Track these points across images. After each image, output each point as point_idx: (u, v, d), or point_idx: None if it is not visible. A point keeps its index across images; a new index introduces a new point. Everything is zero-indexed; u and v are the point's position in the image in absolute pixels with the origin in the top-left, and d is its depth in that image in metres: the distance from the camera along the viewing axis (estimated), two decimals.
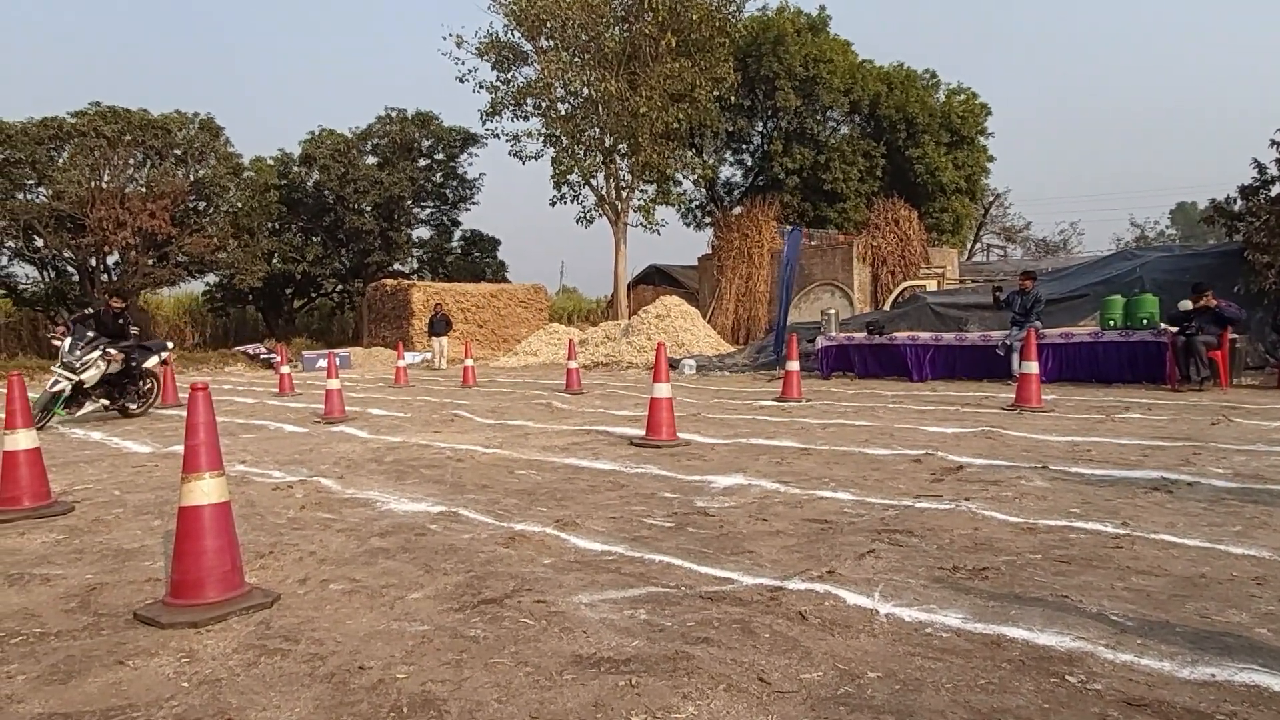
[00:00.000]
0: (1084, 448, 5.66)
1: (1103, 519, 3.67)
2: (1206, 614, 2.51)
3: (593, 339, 20.76)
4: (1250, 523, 3.55)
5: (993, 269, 26.95)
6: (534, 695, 2.08)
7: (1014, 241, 40.60)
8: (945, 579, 2.91)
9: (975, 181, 29.14)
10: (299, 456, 6.29)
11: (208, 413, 2.84)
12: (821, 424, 7.36)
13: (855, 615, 2.58)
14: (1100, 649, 2.27)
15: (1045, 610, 2.57)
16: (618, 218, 24.81)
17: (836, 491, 4.43)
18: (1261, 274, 11.03)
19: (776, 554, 3.29)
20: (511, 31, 23.59)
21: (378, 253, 31.30)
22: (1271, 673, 2.08)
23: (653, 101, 22.37)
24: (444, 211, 34.89)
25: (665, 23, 21.70)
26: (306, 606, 2.82)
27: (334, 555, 3.46)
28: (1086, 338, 11.02)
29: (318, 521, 4.09)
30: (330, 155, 30.08)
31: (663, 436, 6.36)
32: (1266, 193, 12.12)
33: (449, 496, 4.60)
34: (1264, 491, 4.12)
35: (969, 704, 1.97)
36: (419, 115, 32.43)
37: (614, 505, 4.28)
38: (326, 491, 4.87)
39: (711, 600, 2.76)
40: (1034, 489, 4.36)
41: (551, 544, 3.53)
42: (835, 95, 26.47)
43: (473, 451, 6.32)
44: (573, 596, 2.83)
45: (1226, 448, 5.48)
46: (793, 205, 26.78)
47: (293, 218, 31.01)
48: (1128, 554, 3.14)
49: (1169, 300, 10.40)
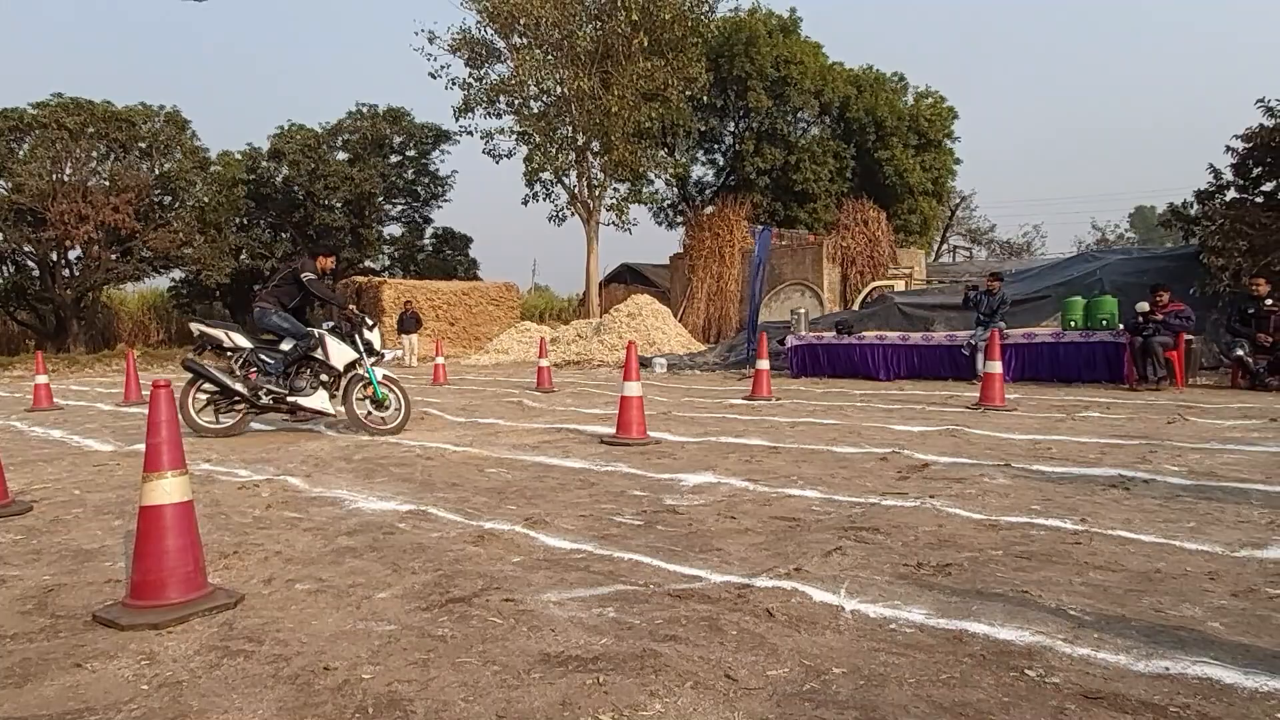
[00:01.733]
0: (1045, 446, 5.77)
1: (1062, 516, 3.75)
2: (1161, 608, 2.58)
3: (564, 337, 20.72)
4: (1204, 519, 3.64)
5: (959, 270, 27.35)
6: (501, 694, 2.08)
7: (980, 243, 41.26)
8: (909, 575, 2.96)
9: (942, 183, 29.59)
10: (265, 455, 6.21)
11: (169, 410, 2.80)
12: (791, 422, 7.42)
13: (821, 612, 2.61)
14: (1059, 643, 2.32)
15: (1006, 605, 2.62)
16: (590, 216, 24.78)
17: (805, 489, 4.48)
18: (1216, 276, 11.33)
19: (745, 552, 3.31)
20: (484, 28, 23.48)
21: (348, 249, 30.95)
22: (1223, 665, 2.13)
23: (625, 100, 22.38)
24: (415, 209, 34.62)
25: (638, 22, 21.71)
26: (271, 607, 2.79)
27: (300, 554, 3.42)
28: (1048, 338, 11.24)
29: (284, 520, 4.04)
30: (300, 150, 29.69)
31: (633, 435, 6.37)
32: (1221, 197, 12.46)
33: (418, 495, 4.57)
34: (1217, 489, 4.24)
35: (931, 698, 2.01)
36: (390, 111, 32.12)
37: (584, 503, 4.28)
38: (293, 490, 4.81)
39: (680, 598, 2.77)
40: (996, 486, 4.44)
41: (521, 542, 3.53)
42: (806, 97, 26.69)
43: (443, 449, 6.28)
44: (541, 595, 2.83)
45: (1182, 446, 5.62)
46: (764, 205, 26.96)
47: (261, 213, 30.58)
48: (1086, 550, 3.22)
49: (1127, 301, 10.64)
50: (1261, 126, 11.79)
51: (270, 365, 6.89)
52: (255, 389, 6.88)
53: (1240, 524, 3.53)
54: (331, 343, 6.94)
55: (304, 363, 7.03)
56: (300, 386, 6.99)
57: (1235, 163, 12.29)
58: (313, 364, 7.04)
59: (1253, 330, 9.81)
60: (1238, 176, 12.36)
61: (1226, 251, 11.26)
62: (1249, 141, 11.97)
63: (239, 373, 6.89)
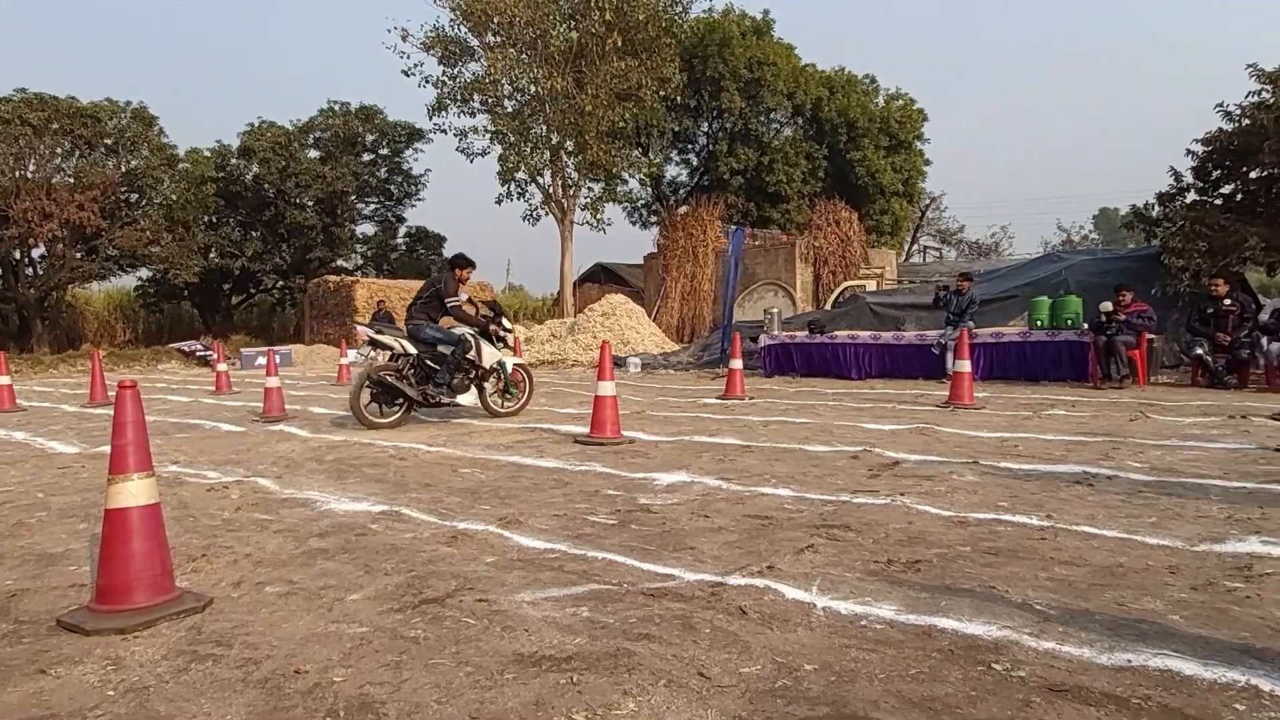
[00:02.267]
0: (1012, 443, 5.87)
1: (1029, 512, 3.81)
2: (1123, 602, 2.63)
3: (538, 337, 20.67)
4: (1165, 514, 3.73)
5: (929, 270, 27.68)
6: (474, 695, 2.08)
7: (949, 243, 41.76)
8: (880, 572, 3.00)
9: (913, 184, 29.91)
10: (235, 456, 6.13)
11: (136, 411, 2.76)
12: (763, 421, 7.47)
13: (793, 609, 2.64)
14: (1025, 637, 2.36)
15: (974, 600, 2.67)
16: (564, 216, 24.74)
17: (777, 488, 4.51)
18: (1177, 277, 11.58)
19: (718, 550, 3.33)
20: (458, 26, 23.34)
21: (320, 248, 30.61)
22: (1183, 658, 2.19)
23: (599, 100, 22.37)
24: (388, 207, 34.33)
25: (612, 22, 21.70)
26: (241, 610, 2.76)
27: (270, 557, 3.39)
28: (1016, 337, 11.43)
29: (254, 523, 4.00)
30: (270, 148, 29.27)
31: (607, 434, 6.38)
32: (1182, 200, 12.73)
33: (391, 496, 4.54)
34: (1178, 484, 4.34)
35: (900, 693, 2.04)
36: (363, 109, 31.80)
37: (558, 503, 4.28)
38: (264, 492, 4.76)
39: (653, 597, 2.79)
40: (965, 484, 4.51)
41: (494, 542, 3.52)
42: (779, 98, 26.86)
43: (416, 450, 6.24)
44: (515, 595, 2.83)
45: (1144, 443, 5.74)
46: (737, 205, 27.09)
47: (231, 211, 30.13)
48: (1051, 545, 3.28)
49: (1092, 301, 10.84)
50: (1220, 130, 12.06)
51: (440, 374, 7.58)
52: (424, 392, 7.54)
53: (1200, 519, 3.62)
54: (483, 345, 7.80)
55: (471, 364, 7.81)
56: (457, 386, 7.70)
57: (1195, 166, 12.56)
58: (466, 364, 7.75)
59: (1212, 330, 10.03)
60: (1198, 179, 12.64)
61: (1186, 252, 11.50)
62: (1208, 145, 12.24)
63: (408, 375, 7.58)
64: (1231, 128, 11.95)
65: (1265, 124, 11.28)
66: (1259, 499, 3.96)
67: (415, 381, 7.53)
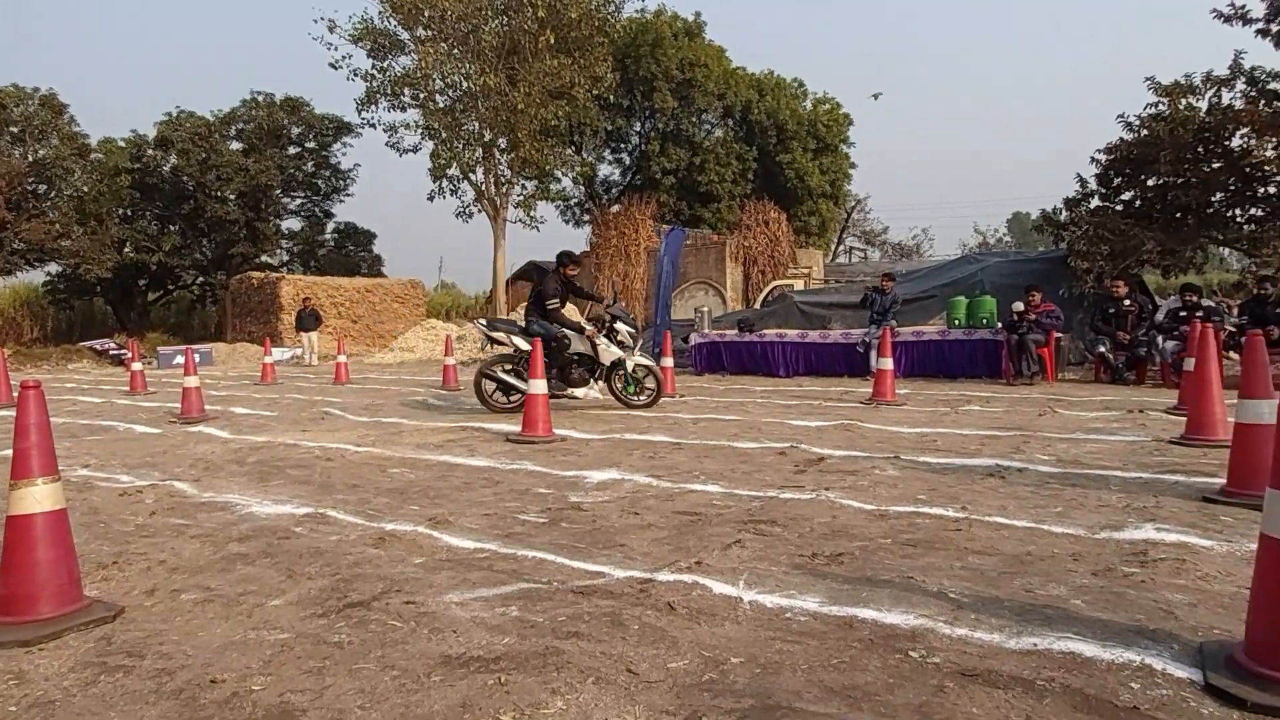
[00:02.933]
0: (931, 438, 6.09)
1: (945, 504, 3.97)
2: (1031, 588, 2.77)
3: (472, 335, 20.41)
4: (1069, 504, 3.93)
5: (854, 270, 28.38)
6: (399, 699, 2.06)
7: (873, 244, 42.84)
8: (805, 565, 3.08)
9: (839, 187, 30.58)
10: (151, 459, 5.89)
11: (40, 413, 2.63)
12: (694, 419, 7.55)
13: (721, 604, 2.69)
14: (940, 625, 2.46)
15: (893, 591, 2.77)
16: (497, 213, 24.47)
17: (706, 484, 4.58)
18: (1082, 278, 12.16)
19: (647, 547, 3.37)
20: (387, 19, 22.82)
21: (243, 244, 29.51)
22: (1084, 640, 2.31)
23: (532, 98, 22.19)
24: (316, 202, 33.36)
25: (544, 19, 21.57)
26: (154, 619, 2.66)
27: (187, 563, 3.27)
28: (935, 336, 11.84)
29: (170, 528, 3.85)
30: (190, 139, 28.07)
31: (538, 432, 6.36)
32: (1086, 205, 13.37)
33: (316, 497, 4.44)
34: (1082, 476, 4.58)
35: (822, 683, 2.10)
36: (288, 101, 30.79)
37: (488, 502, 4.26)
38: (181, 495, 4.59)
39: (583, 594, 2.80)
40: (887, 478, 4.66)
41: (423, 543, 3.48)
42: (710, 99, 27.14)
43: (343, 450, 6.11)
44: (443, 596, 2.81)
45: (1051, 436, 6.03)
46: (669, 205, 27.26)
47: (147, 204, 28.78)
48: (965, 536, 3.42)
49: (1005, 301, 11.31)
50: (1121, 140, 12.71)
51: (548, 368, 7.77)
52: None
53: (1101, 508, 3.83)
54: (601, 344, 8.08)
55: (578, 359, 8.07)
56: (574, 380, 8.09)
57: (1099, 173, 13.21)
58: (585, 360, 8.10)
59: (1113, 329, 10.59)
60: (1101, 186, 13.29)
61: (1090, 255, 12.08)
62: (1110, 154, 12.89)
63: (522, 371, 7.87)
64: (1131, 138, 12.61)
65: (1161, 134, 11.94)
66: (1154, 488, 4.21)
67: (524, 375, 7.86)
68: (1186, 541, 3.23)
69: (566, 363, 8.04)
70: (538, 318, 8.10)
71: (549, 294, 8.07)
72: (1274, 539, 2.01)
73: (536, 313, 8.16)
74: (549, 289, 8.12)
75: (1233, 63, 11.99)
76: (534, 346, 6.72)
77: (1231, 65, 12.00)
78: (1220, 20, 12.21)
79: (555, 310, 8.06)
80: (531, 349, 7.00)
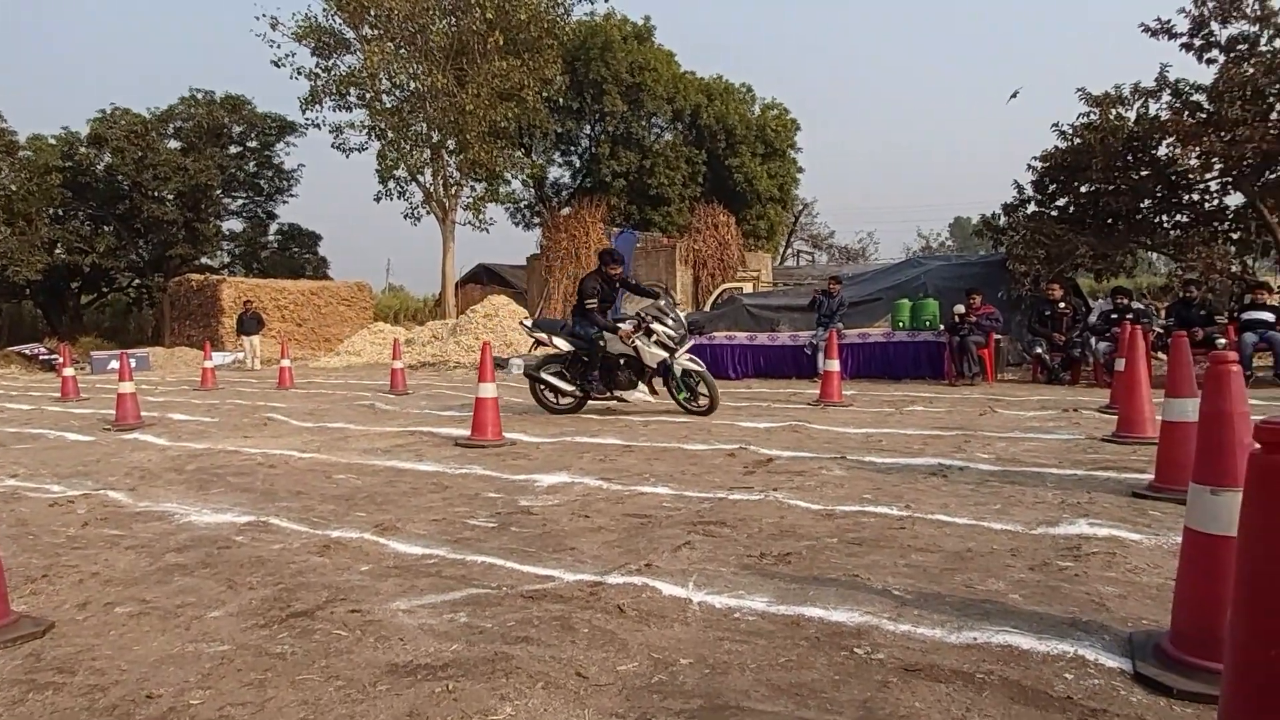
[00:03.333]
0: (876, 439, 6.21)
1: (890, 503, 4.05)
2: (971, 584, 2.84)
3: (419, 338, 20.14)
4: (1008, 501, 4.05)
5: (802, 273, 28.82)
6: (344, 710, 2.02)
7: (820, 248, 43.56)
8: (753, 566, 3.11)
9: (787, 191, 31.04)
10: (83, 468, 5.67)
11: None
12: (644, 421, 7.57)
13: (670, 605, 2.70)
14: (884, 621, 2.51)
15: (839, 589, 2.81)
16: (445, 215, 24.20)
17: (656, 486, 4.59)
18: (1019, 281, 12.54)
19: (598, 550, 3.37)
20: (332, 17, 22.40)
21: (182, 245, 28.65)
22: (1021, 633, 2.38)
23: (480, 99, 22.02)
24: (258, 203, 32.59)
25: (493, 20, 21.42)
26: (86, 633, 2.57)
27: (121, 575, 3.16)
28: (880, 338, 12.09)
29: (103, 539, 3.72)
30: (125, 137, 27.14)
31: (488, 436, 6.30)
32: (1024, 211, 13.80)
33: (258, 505, 4.33)
34: (1020, 473, 4.72)
35: (770, 681, 2.13)
36: (229, 99, 30.02)
37: (437, 507, 4.21)
38: (115, 505, 4.43)
39: (533, 599, 2.79)
40: (833, 478, 4.74)
41: (370, 550, 3.42)
42: (659, 103, 27.28)
43: (287, 456, 5.97)
44: (390, 603, 2.77)
45: (991, 435, 6.20)
46: (619, 208, 27.31)
47: (80, 204, 27.77)
48: (909, 534, 3.50)
49: (947, 304, 11.60)
50: (1056, 148, 13.16)
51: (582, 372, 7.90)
52: (580, 387, 7.93)
53: (1037, 504, 3.96)
54: (642, 347, 7.67)
55: (623, 361, 7.83)
56: (620, 383, 7.88)
57: (1035, 180, 13.64)
58: (631, 362, 7.82)
59: (1049, 330, 10.95)
60: (1037, 192, 13.73)
61: (1028, 259, 12.47)
62: (1046, 161, 13.33)
63: (567, 373, 7.96)
64: (1065, 145, 13.06)
65: (1093, 143, 12.39)
66: (1087, 484, 4.36)
67: (571, 377, 7.95)
68: (1117, 535, 3.36)
69: (610, 364, 7.78)
70: (579, 318, 7.90)
71: (587, 294, 7.83)
72: (1197, 532, 2.10)
73: (578, 313, 7.96)
74: (587, 288, 7.86)
75: (1159, 75, 12.50)
76: (483, 350, 6.66)
77: (1158, 77, 12.51)
78: (1148, 35, 12.74)
79: (593, 311, 7.79)
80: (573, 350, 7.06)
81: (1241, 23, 12.02)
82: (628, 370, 7.85)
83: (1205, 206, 12.92)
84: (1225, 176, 12.25)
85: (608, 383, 7.88)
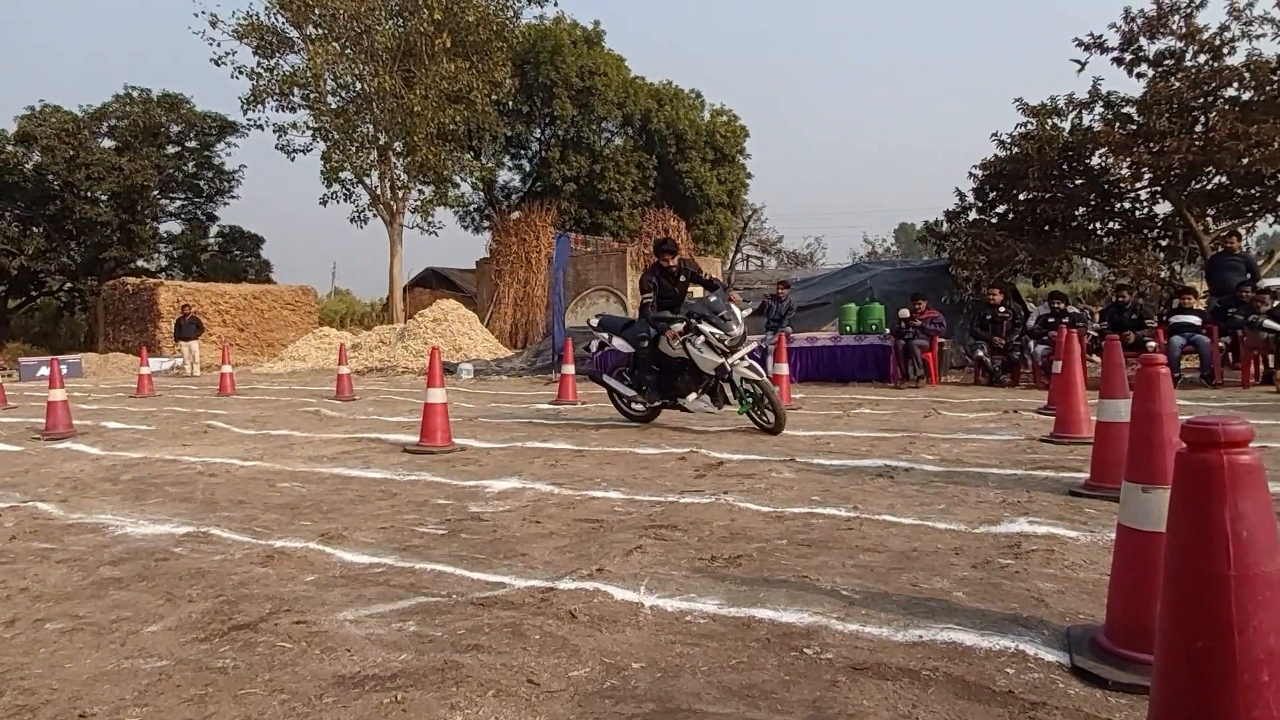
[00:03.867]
0: (824, 441, 6.30)
1: (838, 504, 4.11)
2: (916, 583, 2.90)
3: (366, 343, 19.80)
4: (952, 501, 4.14)
5: (751, 278, 29.09)
6: None
7: (769, 253, 44.08)
8: (705, 568, 3.13)
9: (736, 196, 31.38)
10: (10, 479, 5.44)
11: None
12: (595, 425, 7.56)
13: (622, 610, 2.70)
14: (833, 621, 2.54)
15: (789, 590, 2.85)
16: (393, 218, 23.86)
17: (608, 491, 4.59)
18: (962, 286, 12.90)
19: (549, 555, 3.35)
20: (275, 15, 21.92)
21: (116, 247, 27.71)
22: (965, 630, 2.43)
23: (428, 101, 21.79)
24: (198, 205, 31.73)
25: (441, 22, 21.20)
26: (15, 651, 2.46)
27: (52, 590, 3.04)
28: (828, 341, 12.29)
29: (32, 553, 3.57)
30: (55, 135, 26.15)
31: (437, 442, 6.23)
32: (965, 218, 14.19)
33: (199, 515, 4.20)
34: (963, 474, 4.84)
35: (721, 684, 2.14)
36: (166, 97, 29.14)
37: (385, 515, 4.14)
38: (45, 517, 4.26)
39: (483, 606, 2.76)
40: (782, 480, 4.80)
41: (315, 560, 3.35)
42: (610, 107, 27.34)
43: (228, 465, 5.81)
44: (336, 614, 2.71)
45: (935, 437, 6.35)
46: (570, 212, 27.27)
47: (7, 204, 26.67)
48: (857, 534, 3.56)
49: (892, 308, 11.86)
50: (995, 157, 13.57)
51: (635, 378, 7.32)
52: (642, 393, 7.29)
53: (980, 504, 4.06)
54: (694, 351, 6.78)
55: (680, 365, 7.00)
56: (679, 388, 7.08)
57: (976, 188, 14.06)
58: (688, 366, 6.93)
59: (990, 334, 11.27)
60: (978, 199, 14.15)
61: (969, 265, 12.84)
62: (986, 170, 13.74)
63: (628, 376, 7.39)
64: (1004, 154, 13.47)
65: (1030, 152, 12.81)
66: (1027, 484, 4.49)
67: (633, 382, 7.36)
68: (1055, 533, 3.46)
69: (669, 368, 7.00)
70: (641, 316, 7.23)
71: (642, 289, 7.13)
72: (1129, 528, 2.17)
73: (640, 311, 7.26)
74: (643, 283, 7.18)
75: (1092, 88, 12.99)
76: (432, 354, 6.58)
77: (1091, 90, 12.99)
78: (1081, 49, 13.22)
79: (648, 306, 7.06)
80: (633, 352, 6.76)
81: (1169, 39, 12.57)
82: (687, 376, 6.94)
83: (1136, 215, 13.46)
84: (1154, 186, 12.79)
85: (665, 389, 7.08)
